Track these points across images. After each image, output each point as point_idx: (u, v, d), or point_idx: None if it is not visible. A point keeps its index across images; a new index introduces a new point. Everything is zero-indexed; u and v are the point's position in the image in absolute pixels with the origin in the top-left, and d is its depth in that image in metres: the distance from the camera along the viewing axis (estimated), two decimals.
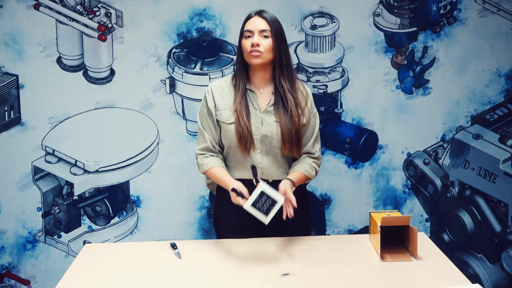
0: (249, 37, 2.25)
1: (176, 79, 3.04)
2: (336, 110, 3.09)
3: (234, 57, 3.02)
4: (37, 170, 3.06)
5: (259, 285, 1.84)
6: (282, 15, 2.94)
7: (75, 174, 3.06)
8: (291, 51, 2.81)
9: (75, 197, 3.09)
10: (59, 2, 2.98)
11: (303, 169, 2.28)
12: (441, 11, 3.04)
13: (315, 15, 3.03)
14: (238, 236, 2.27)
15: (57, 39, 3.00)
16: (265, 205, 2.03)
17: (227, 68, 3.03)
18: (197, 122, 2.39)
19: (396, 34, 3.05)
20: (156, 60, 3.03)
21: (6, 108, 3.02)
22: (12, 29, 2.98)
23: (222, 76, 3.02)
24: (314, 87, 3.04)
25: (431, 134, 3.11)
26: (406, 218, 2.07)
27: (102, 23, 3.00)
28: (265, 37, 2.23)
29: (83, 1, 2.98)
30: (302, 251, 2.13)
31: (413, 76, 3.07)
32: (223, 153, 2.34)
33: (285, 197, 2.10)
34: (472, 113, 3.10)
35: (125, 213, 3.12)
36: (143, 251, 2.18)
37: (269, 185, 2.10)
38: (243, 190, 2.10)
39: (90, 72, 3.03)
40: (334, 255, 2.09)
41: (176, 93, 3.05)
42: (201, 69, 3.04)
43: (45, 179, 3.08)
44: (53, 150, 3.05)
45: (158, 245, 2.25)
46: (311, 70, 3.05)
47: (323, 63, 3.05)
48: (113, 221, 3.12)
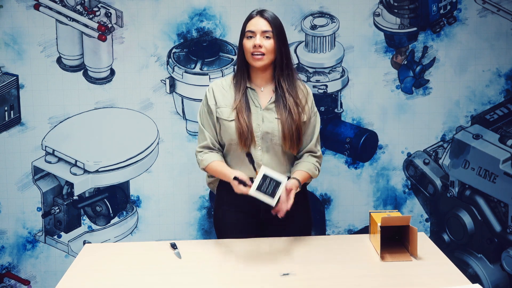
0: (251, 37, 2.24)
1: (176, 79, 3.04)
2: (336, 110, 3.09)
3: (234, 57, 3.02)
4: (37, 170, 3.06)
5: (259, 285, 1.84)
6: (282, 15, 2.93)
7: (75, 174, 3.06)
8: (291, 51, 2.80)
9: (75, 197, 3.09)
10: (59, 2, 2.98)
11: (308, 168, 2.29)
12: (441, 11, 3.04)
13: (315, 15, 3.03)
14: (238, 236, 2.27)
15: (57, 39, 3.00)
16: (269, 187, 2.04)
17: (227, 68, 3.03)
18: (197, 122, 2.39)
19: (396, 34, 3.05)
20: (156, 60, 3.03)
21: (6, 108, 3.02)
22: (12, 29, 2.98)
23: (222, 76, 3.02)
24: (314, 87, 3.04)
25: (431, 134, 3.11)
26: (406, 218, 2.07)
27: (102, 23, 3.00)
28: (267, 37, 2.23)
29: (83, 1, 2.98)
30: (302, 251, 2.13)
31: (413, 76, 3.07)
32: (223, 151, 2.34)
33: (285, 197, 2.11)
34: (472, 113, 3.10)
35: (125, 213, 3.12)
36: (143, 251, 2.18)
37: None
38: (244, 177, 2.11)
39: (90, 72, 3.03)
40: (334, 255, 2.09)
41: (176, 93, 3.05)
42: (201, 69, 3.04)
43: (45, 179, 3.08)
44: (53, 150, 3.05)
45: (158, 245, 2.25)
46: (311, 70, 3.05)
47: (323, 63, 3.05)
48: (113, 221, 3.12)
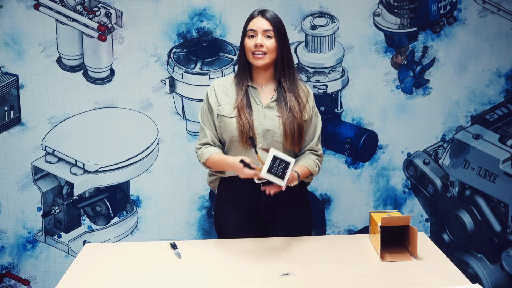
0: (252, 36, 2.26)
1: (176, 79, 3.04)
2: (336, 110, 3.09)
3: (234, 57, 3.02)
4: (37, 170, 3.06)
5: (259, 285, 1.84)
6: (282, 15, 2.92)
7: (75, 174, 3.06)
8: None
9: (75, 197, 3.09)
10: (59, 2, 2.98)
11: (308, 163, 2.29)
12: (441, 11, 3.04)
13: (315, 15, 3.03)
14: (238, 235, 2.28)
15: (57, 39, 3.00)
16: (279, 169, 2.04)
17: (227, 68, 3.03)
18: (197, 122, 2.39)
19: (396, 34, 3.05)
20: (156, 60, 3.03)
21: (6, 108, 3.02)
22: (12, 29, 2.98)
23: (222, 76, 3.02)
24: (314, 87, 3.04)
25: (431, 134, 3.11)
26: (406, 218, 2.07)
27: (102, 23, 3.00)
28: (268, 37, 2.25)
29: (83, 1, 2.98)
30: (302, 251, 2.13)
31: (413, 76, 3.07)
32: (223, 149, 2.34)
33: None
34: (472, 113, 3.10)
35: (125, 213, 3.12)
36: (143, 251, 2.18)
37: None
38: (248, 160, 2.09)
39: (90, 72, 3.03)
40: (334, 255, 2.09)
41: (176, 93, 3.05)
42: (201, 69, 3.04)
43: (45, 179, 3.08)
44: (53, 150, 3.05)
45: (158, 245, 2.25)
46: (311, 70, 3.05)
47: (323, 63, 3.05)
48: (113, 221, 3.12)
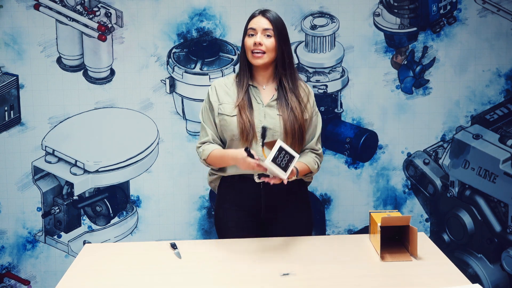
0: (252, 35, 2.27)
1: (176, 79, 3.04)
2: (336, 110, 3.09)
3: (234, 57, 3.02)
4: (37, 170, 3.06)
5: (259, 285, 1.84)
6: (282, 15, 2.90)
7: (75, 174, 3.06)
8: None
9: (75, 197, 3.09)
10: (59, 2, 2.98)
11: (307, 161, 2.30)
12: (441, 11, 3.04)
13: (315, 15, 3.03)
14: (239, 234, 2.28)
15: (57, 39, 3.00)
16: (283, 161, 2.03)
17: (227, 68, 3.03)
18: (197, 122, 2.40)
19: (396, 34, 3.05)
20: (156, 60, 3.03)
21: (6, 108, 3.02)
22: (12, 29, 2.98)
23: (222, 76, 3.02)
24: (314, 87, 3.04)
25: (431, 134, 3.11)
26: (406, 218, 2.06)
27: (102, 23, 3.00)
28: (268, 36, 2.25)
29: (83, 1, 2.98)
30: (302, 251, 2.13)
31: (413, 76, 3.07)
32: (224, 148, 2.34)
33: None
34: (472, 113, 3.10)
35: (125, 213, 3.12)
36: (143, 251, 2.18)
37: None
38: (252, 151, 2.09)
39: (90, 72, 3.03)
40: (334, 255, 2.09)
41: (176, 93, 3.05)
42: (201, 69, 3.04)
43: (45, 179, 3.08)
44: (53, 150, 3.05)
45: (158, 245, 2.25)
46: (311, 70, 3.05)
47: (323, 63, 3.05)
48: (113, 221, 3.12)
